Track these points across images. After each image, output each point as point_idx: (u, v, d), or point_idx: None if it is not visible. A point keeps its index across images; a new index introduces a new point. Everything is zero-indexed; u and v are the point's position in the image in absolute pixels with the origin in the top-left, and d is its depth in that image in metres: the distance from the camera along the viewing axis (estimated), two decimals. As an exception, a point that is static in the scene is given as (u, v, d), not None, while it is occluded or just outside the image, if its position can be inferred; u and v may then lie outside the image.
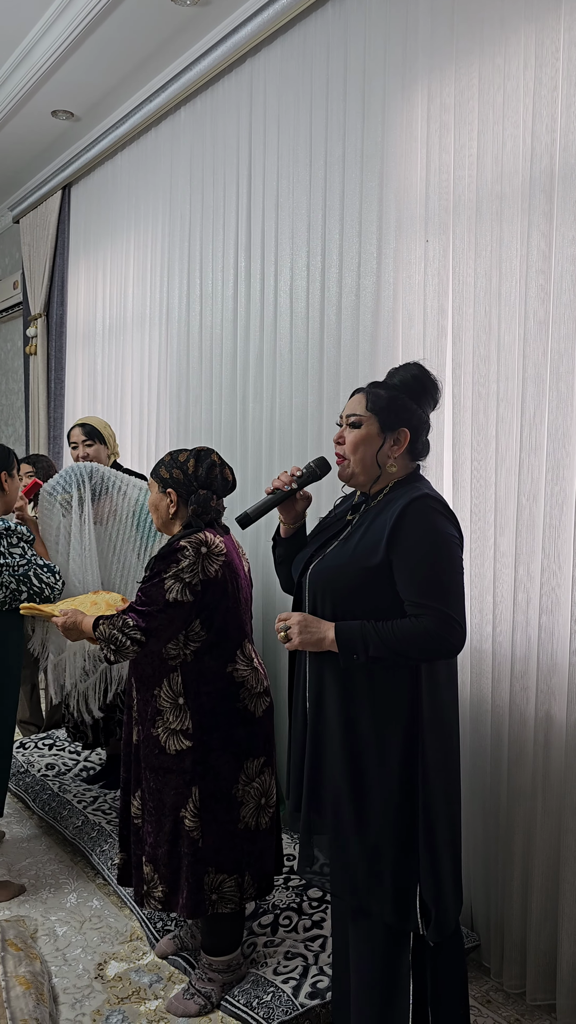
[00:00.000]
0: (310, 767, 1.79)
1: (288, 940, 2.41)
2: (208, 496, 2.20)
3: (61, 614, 2.26)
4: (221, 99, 3.45)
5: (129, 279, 4.24)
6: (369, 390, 1.81)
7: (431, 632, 1.63)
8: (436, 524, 1.68)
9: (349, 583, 1.74)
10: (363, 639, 1.67)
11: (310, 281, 2.95)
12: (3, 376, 6.42)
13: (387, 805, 1.70)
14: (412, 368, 1.80)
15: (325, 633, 1.72)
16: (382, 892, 1.71)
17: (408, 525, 1.68)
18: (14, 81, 3.95)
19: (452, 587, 1.67)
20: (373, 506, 1.79)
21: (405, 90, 2.56)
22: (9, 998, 2.14)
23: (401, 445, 1.78)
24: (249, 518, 1.95)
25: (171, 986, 2.32)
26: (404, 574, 1.68)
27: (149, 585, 2.09)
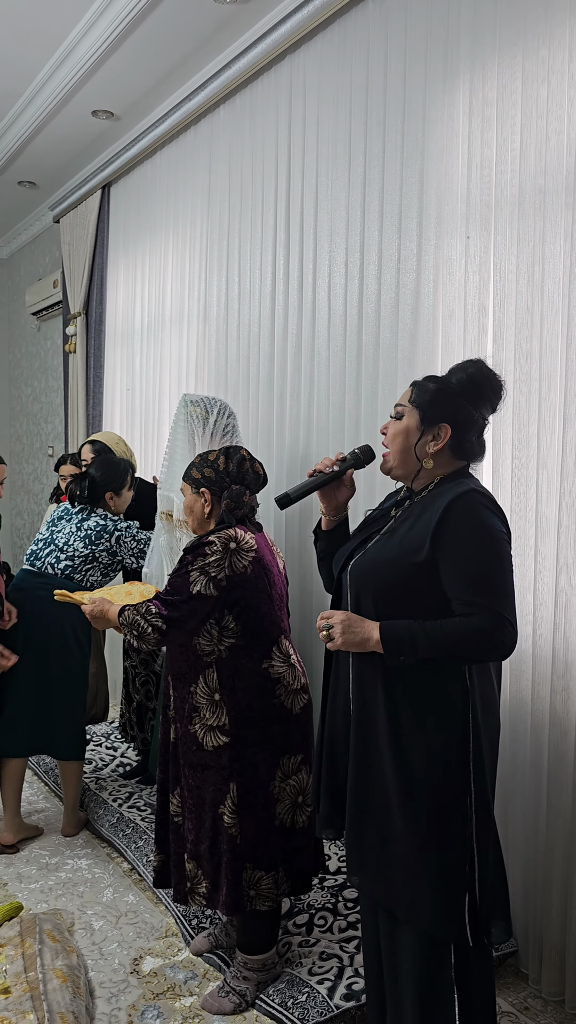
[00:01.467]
0: (355, 773, 1.72)
1: (323, 940, 2.40)
2: (241, 491, 2.22)
3: (90, 602, 2.31)
4: (260, 97, 3.44)
5: (168, 277, 4.25)
6: (418, 382, 1.77)
7: (484, 631, 1.57)
8: (484, 519, 1.62)
9: (392, 579, 1.69)
10: (411, 639, 1.61)
11: (348, 278, 2.93)
12: (43, 374, 6.49)
13: (437, 811, 1.64)
14: (469, 367, 1.73)
15: (370, 633, 1.65)
16: (429, 902, 1.64)
17: (455, 520, 1.62)
18: (55, 81, 3.98)
19: (503, 584, 1.61)
20: (417, 502, 1.74)
21: (447, 84, 2.53)
22: (46, 991, 2.16)
23: (441, 441, 1.71)
24: (289, 498, 1.94)
25: (206, 983, 2.32)
26: (452, 571, 1.62)
27: (175, 576, 2.12)
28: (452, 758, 1.63)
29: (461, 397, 1.71)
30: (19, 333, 6.93)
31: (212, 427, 2.95)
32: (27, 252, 6.66)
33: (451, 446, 1.73)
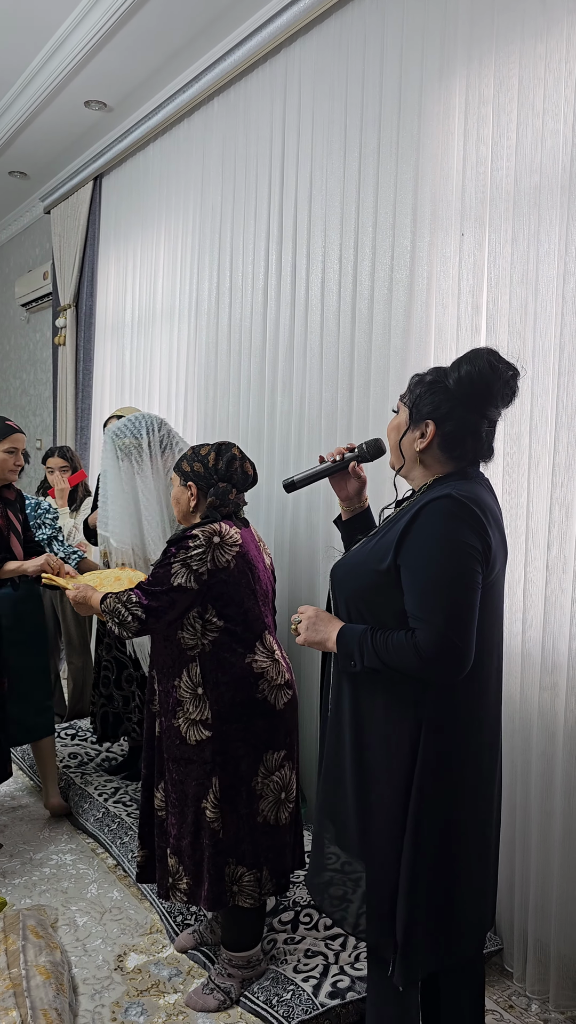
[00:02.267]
0: (325, 775, 1.71)
1: (308, 938, 2.39)
2: (227, 489, 2.21)
3: (74, 588, 2.31)
4: (255, 90, 3.42)
5: (159, 270, 4.23)
6: (415, 375, 1.69)
7: (419, 650, 1.48)
8: (446, 528, 1.50)
9: (358, 585, 1.64)
10: (360, 647, 1.56)
11: (342, 274, 2.92)
12: (32, 366, 6.44)
13: (388, 828, 1.59)
14: (466, 364, 1.58)
15: (329, 634, 1.64)
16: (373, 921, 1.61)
17: (417, 527, 1.53)
18: (47, 72, 3.95)
19: (453, 601, 1.49)
20: (406, 504, 1.66)
21: (443, 80, 2.52)
22: (29, 987, 2.15)
23: (426, 439, 1.62)
24: (294, 484, 1.96)
25: (190, 980, 2.31)
26: (406, 581, 1.54)
27: (158, 567, 2.13)
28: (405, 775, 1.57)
29: (454, 395, 1.60)
30: (8, 325, 6.88)
31: (150, 450, 2.88)
32: (17, 243, 6.61)
33: (441, 445, 1.62)
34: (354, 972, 2.22)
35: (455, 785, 1.58)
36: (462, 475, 1.63)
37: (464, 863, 1.62)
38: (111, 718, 3.29)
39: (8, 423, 2.93)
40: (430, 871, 1.57)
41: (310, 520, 3.10)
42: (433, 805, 1.56)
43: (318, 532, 3.05)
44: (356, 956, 2.30)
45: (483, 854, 1.66)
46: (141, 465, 2.86)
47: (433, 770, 1.55)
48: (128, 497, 2.83)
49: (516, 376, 1.60)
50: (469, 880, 1.63)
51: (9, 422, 2.94)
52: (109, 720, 3.30)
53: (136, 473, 2.86)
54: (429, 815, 1.56)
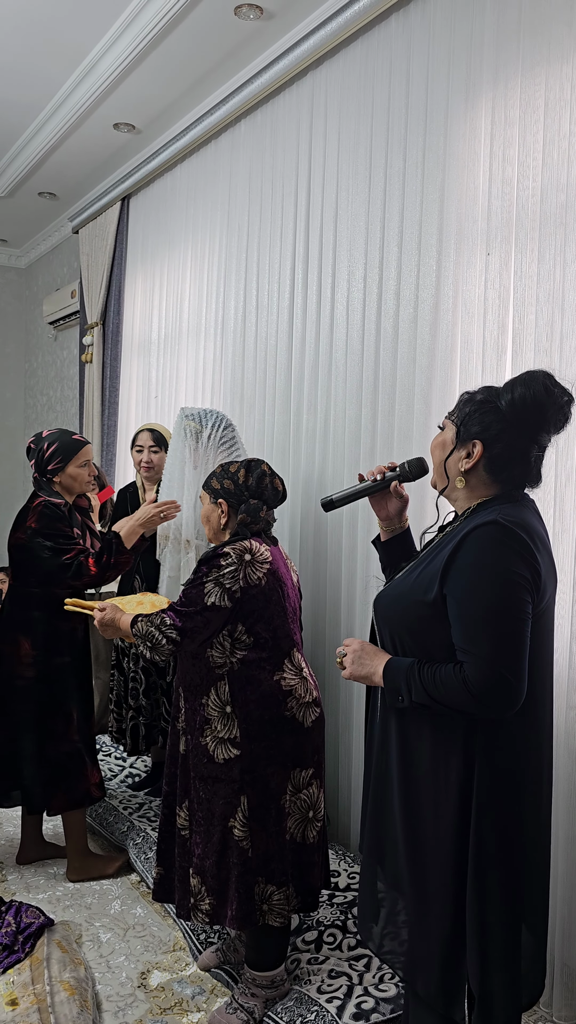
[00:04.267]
0: (372, 812, 1.66)
1: (332, 958, 2.38)
2: (258, 506, 2.22)
3: (100, 610, 2.31)
4: (281, 112, 3.46)
5: (185, 290, 4.27)
6: (465, 392, 1.65)
7: (468, 684, 1.43)
8: (494, 557, 1.45)
9: (403, 617, 1.59)
10: (407, 682, 1.51)
11: (367, 293, 2.94)
12: (59, 383, 6.52)
13: (441, 869, 1.52)
14: (520, 387, 1.54)
15: (376, 668, 1.59)
16: (429, 972, 1.54)
17: (463, 556, 1.48)
18: (79, 94, 4.02)
19: (501, 633, 1.43)
20: (450, 530, 1.60)
21: (469, 102, 2.54)
22: (54, 1003, 2.15)
23: (472, 459, 1.57)
24: (333, 503, 1.95)
25: (213, 999, 2.31)
26: (453, 612, 1.49)
27: (190, 587, 2.13)
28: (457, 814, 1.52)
29: (505, 417, 1.55)
30: (36, 342, 6.97)
31: (207, 441, 2.93)
32: (46, 262, 6.71)
33: (487, 467, 1.57)
34: (378, 993, 2.21)
35: (514, 822, 1.52)
36: (508, 499, 1.57)
37: (529, 903, 1.56)
38: (143, 730, 3.32)
39: (75, 437, 2.91)
40: (498, 913, 1.50)
41: (336, 537, 3.10)
42: (493, 842, 1.50)
43: (343, 550, 3.05)
44: (380, 977, 2.28)
45: (543, 891, 1.60)
46: (196, 452, 2.92)
47: (490, 807, 1.49)
48: (177, 475, 2.93)
49: (571, 402, 1.55)
50: (535, 920, 1.58)
51: (76, 436, 2.92)
52: (141, 732, 3.32)
53: (188, 458, 2.94)
54: (490, 853, 1.49)
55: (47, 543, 2.74)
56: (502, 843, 1.50)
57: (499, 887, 1.49)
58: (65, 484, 2.89)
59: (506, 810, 1.51)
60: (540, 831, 1.58)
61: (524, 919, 1.55)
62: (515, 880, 1.51)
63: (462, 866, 1.51)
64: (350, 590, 3.02)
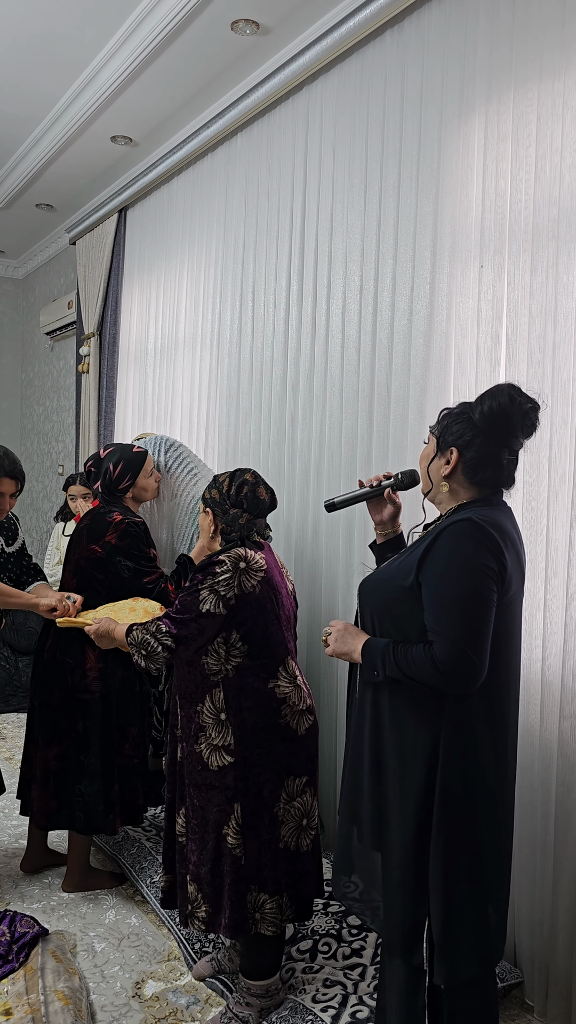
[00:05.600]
0: (348, 776, 1.83)
1: (327, 967, 2.38)
2: (237, 515, 2.24)
3: (94, 621, 2.33)
4: (277, 126, 3.50)
5: (182, 301, 4.30)
6: (443, 411, 1.83)
7: (436, 661, 1.60)
8: (466, 549, 1.63)
9: (384, 600, 1.76)
10: (382, 658, 1.69)
11: (362, 305, 2.96)
12: (55, 393, 6.54)
13: (404, 831, 1.69)
14: (489, 400, 1.71)
15: (355, 646, 1.77)
16: (394, 921, 1.71)
17: (438, 548, 1.66)
18: (76, 107, 4.05)
19: (468, 616, 1.60)
20: (432, 527, 1.79)
21: (462, 117, 2.57)
22: (48, 1013, 2.15)
23: (451, 464, 1.75)
24: (335, 505, 2.14)
25: (208, 1008, 2.30)
26: (425, 597, 1.66)
27: (185, 594, 2.14)
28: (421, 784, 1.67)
29: (477, 426, 1.72)
30: (33, 353, 6.99)
31: (163, 469, 3.05)
32: (43, 273, 6.74)
33: (464, 471, 1.75)
34: (373, 1003, 2.21)
35: (477, 788, 1.67)
36: (485, 502, 1.75)
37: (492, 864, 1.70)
38: None
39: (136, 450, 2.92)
40: (462, 869, 1.66)
41: (332, 546, 3.12)
42: (458, 805, 1.66)
43: (339, 558, 3.07)
44: (375, 987, 2.28)
45: (504, 858, 1.74)
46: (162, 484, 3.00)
47: (455, 772, 1.65)
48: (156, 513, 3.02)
49: (535, 409, 1.72)
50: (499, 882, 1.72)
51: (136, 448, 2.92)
52: None
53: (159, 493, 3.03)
54: (455, 814, 1.65)
55: (128, 563, 2.74)
56: (467, 804, 1.66)
57: (460, 846, 1.66)
58: (136, 496, 2.93)
59: (471, 774, 1.66)
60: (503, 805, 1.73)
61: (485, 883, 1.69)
62: (476, 844, 1.67)
63: (425, 826, 1.67)
64: (346, 598, 3.03)
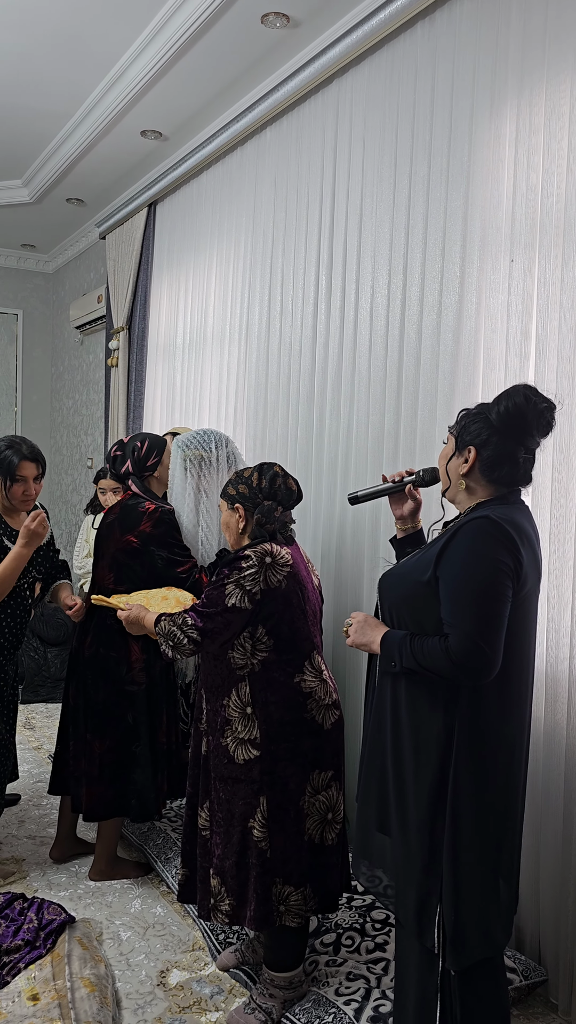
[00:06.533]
0: (367, 762, 1.88)
1: (350, 961, 2.39)
2: (272, 507, 2.24)
3: (126, 607, 2.34)
4: (307, 119, 3.49)
5: (210, 295, 4.31)
6: (461, 412, 1.86)
7: (450, 653, 1.64)
8: (483, 546, 1.66)
9: (402, 594, 1.81)
10: (399, 649, 1.74)
11: (391, 299, 2.95)
12: (84, 387, 6.58)
13: (419, 816, 1.74)
14: (505, 400, 1.75)
15: (374, 637, 1.82)
16: (408, 903, 1.76)
17: (455, 544, 1.70)
18: (107, 102, 4.07)
19: (482, 610, 1.64)
20: (451, 525, 1.81)
21: (494, 109, 2.55)
22: (74, 999, 2.18)
23: (468, 463, 1.78)
24: (358, 498, 2.19)
25: (232, 999, 2.32)
26: (442, 592, 1.70)
27: (212, 588, 2.16)
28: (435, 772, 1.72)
29: (494, 426, 1.76)
30: (62, 346, 7.05)
31: (216, 464, 2.88)
32: (73, 267, 6.78)
33: (482, 469, 1.78)
34: (396, 997, 2.21)
35: (488, 776, 1.71)
36: (502, 500, 1.78)
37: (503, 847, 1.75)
38: None
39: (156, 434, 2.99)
40: (473, 854, 1.70)
41: (357, 540, 3.11)
42: (470, 792, 1.70)
43: (364, 553, 3.07)
44: (398, 981, 2.28)
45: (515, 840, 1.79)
46: (207, 478, 2.86)
47: (468, 760, 1.69)
48: (190, 508, 2.86)
49: (551, 409, 1.76)
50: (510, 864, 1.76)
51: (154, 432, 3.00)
52: None
53: (198, 485, 2.87)
54: (467, 801, 1.70)
55: (162, 552, 2.75)
56: (477, 791, 1.70)
57: (473, 833, 1.70)
58: (160, 477, 2.95)
59: (480, 762, 1.70)
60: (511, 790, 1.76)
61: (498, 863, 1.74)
62: (488, 828, 1.72)
63: (439, 813, 1.72)
64: (370, 591, 3.03)
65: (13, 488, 2.77)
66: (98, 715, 2.82)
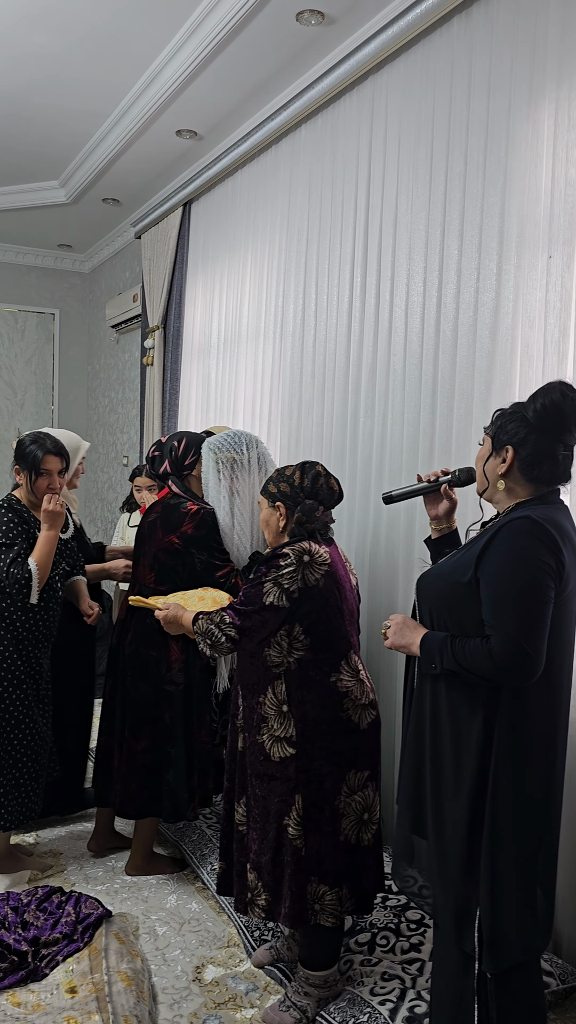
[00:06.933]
0: (406, 766, 1.88)
1: (385, 961, 2.38)
2: (314, 506, 2.24)
3: (163, 607, 2.36)
4: (342, 116, 3.48)
5: (245, 293, 4.31)
6: (496, 412, 1.85)
7: (492, 655, 1.63)
8: (523, 547, 1.65)
9: (442, 595, 1.80)
10: (440, 651, 1.73)
11: (426, 296, 2.93)
12: (120, 385, 6.64)
13: (457, 820, 1.73)
14: (541, 397, 1.74)
15: (414, 639, 1.81)
16: (446, 906, 1.76)
17: (496, 544, 1.68)
18: (143, 102, 4.09)
19: (525, 612, 1.63)
20: (490, 524, 1.81)
21: (531, 103, 2.52)
22: (111, 993, 2.20)
23: (507, 463, 1.77)
24: (393, 498, 2.21)
25: (267, 996, 2.33)
26: (484, 593, 1.69)
27: (249, 586, 2.17)
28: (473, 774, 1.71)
29: (531, 423, 1.75)
30: (99, 345, 7.11)
31: (248, 465, 2.86)
32: (109, 267, 6.84)
33: (521, 468, 1.77)
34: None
35: (527, 779, 1.70)
36: (542, 500, 1.77)
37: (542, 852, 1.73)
38: None
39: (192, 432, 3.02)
40: (512, 857, 1.69)
41: (391, 539, 3.10)
42: (509, 795, 1.68)
43: (399, 551, 3.05)
44: (433, 982, 2.28)
45: (553, 845, 1.77)
46: (240, 479, 2.85)
47: (508, 763, 1.68)
48: (225, 510, 2.85)
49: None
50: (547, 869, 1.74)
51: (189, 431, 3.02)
52: None
53: (232, 487, 2.86)
54: (506, 804, 1.68)
55: (202, 555, 2.77)
56: (516, 797, 1.69)
57: (511, 837, 1.69)
58: (198, 475, 2.97)
59: (520, 766, 1.69)
60: (550, 793, 1.75)
61: (535, 869, 1.72)
62: (526, 833, 1.70)
63: (478, 815, 1.71)
64: (407, 591, 3.01)
65: (38, 482, 2.88)
66: (136, 714, 2.84)
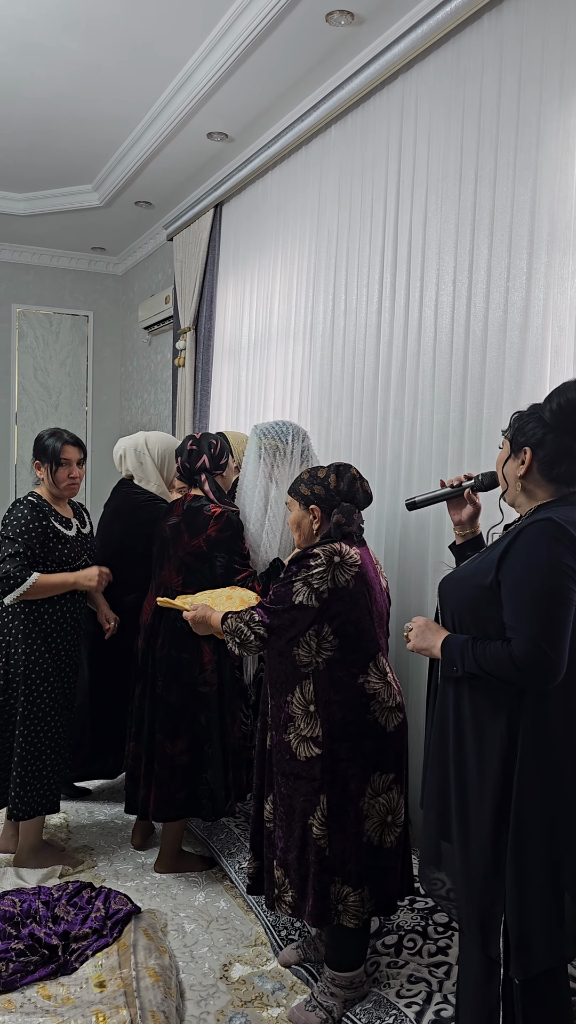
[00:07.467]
0: (431, 770, 1.87)
1: (412, 963, 2.38)
2: (351, 508, 2.25)
3: (191, 608, 2.38)
4: (372, 116, 3.47)
5: (276, 294, 4.32)
6: (514, 414, 1.85)
7: (514, 658, 1.63)
8: (545, 549, 1.64)
9: (463, 597, 1.80)
10: (461, 654, 1.72)
11: (456, 296, 2.92)
12: (153, 386, 6.69)
13: (482, 824, 1.72)
14: (556, 396, 1.73)
15: (435, 642, 1.81)
16: (471, 912, 1.75)
17: (517, 547, 1.68)
18: (174, 105, 4.12)
19: (546, 614, 1.62)
20: (512, 528, 1.81)
21: (562, 101, 2.49)
22: (139, 988, 2.22)
23: (525, 465, 1.77)
24: (416, 504, 2.21)
25: (293, 995, 2.34)
26: (505, 596, 1.69)
27: (279, 585, 2.17)
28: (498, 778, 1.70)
29: (548, 423, 1.74)
30: (131, 347, 7.17)
31: (290, 456, 2.90)
32: (141, 269, 6.89)
33: (540, 469, 1.76)
34: (458, 1001, 2.19)
35: (552, 782, 1.68)
36: (564, 501, 1.76)
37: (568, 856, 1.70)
38: None
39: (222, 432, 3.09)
40: (538, 862, 1.68)
41: (419, 541, 3.09)
42: (534, 799, 1.67)
43: (428, 553, 3.04)
44: (460, 985, 2.27)
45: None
46: (279, 468, 2.88)
47: (532, 767, 1.67)
48: (259, 496, 2.87)
49: None
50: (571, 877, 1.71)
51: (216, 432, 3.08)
52: None
53: (270, 475, 2.89)
54: (531, 808, 1.67)
55: (222, 558, 2.78)
56: (542, 800, 1.67)
57: (537, 842, 1.67)
58: (227, 475, 3.01)
59: (544, 770, 1.68)
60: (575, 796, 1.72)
61: (561, 874, 1.69)
62: (552, 837, 1.68)
63: (503, 821, 1.69)
64: (434, 593, 3.00)
65: (59, 472, 2.95)
66: (171, 717, 2.85)
